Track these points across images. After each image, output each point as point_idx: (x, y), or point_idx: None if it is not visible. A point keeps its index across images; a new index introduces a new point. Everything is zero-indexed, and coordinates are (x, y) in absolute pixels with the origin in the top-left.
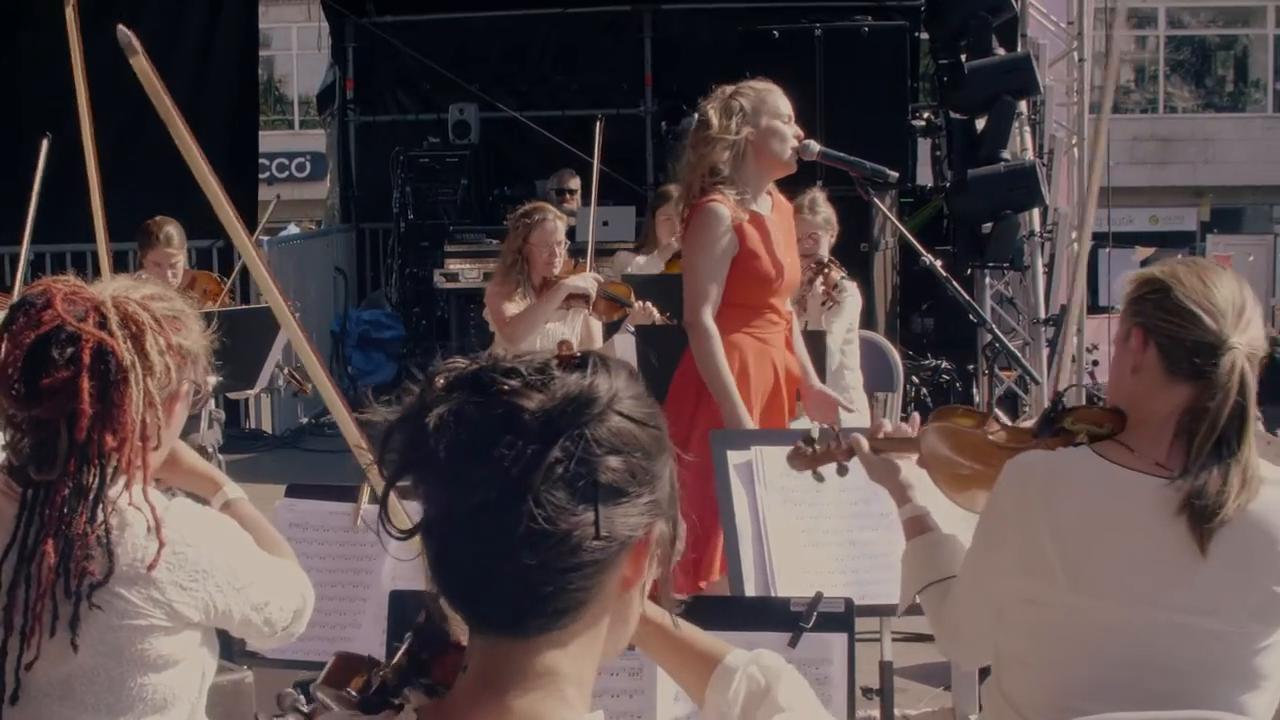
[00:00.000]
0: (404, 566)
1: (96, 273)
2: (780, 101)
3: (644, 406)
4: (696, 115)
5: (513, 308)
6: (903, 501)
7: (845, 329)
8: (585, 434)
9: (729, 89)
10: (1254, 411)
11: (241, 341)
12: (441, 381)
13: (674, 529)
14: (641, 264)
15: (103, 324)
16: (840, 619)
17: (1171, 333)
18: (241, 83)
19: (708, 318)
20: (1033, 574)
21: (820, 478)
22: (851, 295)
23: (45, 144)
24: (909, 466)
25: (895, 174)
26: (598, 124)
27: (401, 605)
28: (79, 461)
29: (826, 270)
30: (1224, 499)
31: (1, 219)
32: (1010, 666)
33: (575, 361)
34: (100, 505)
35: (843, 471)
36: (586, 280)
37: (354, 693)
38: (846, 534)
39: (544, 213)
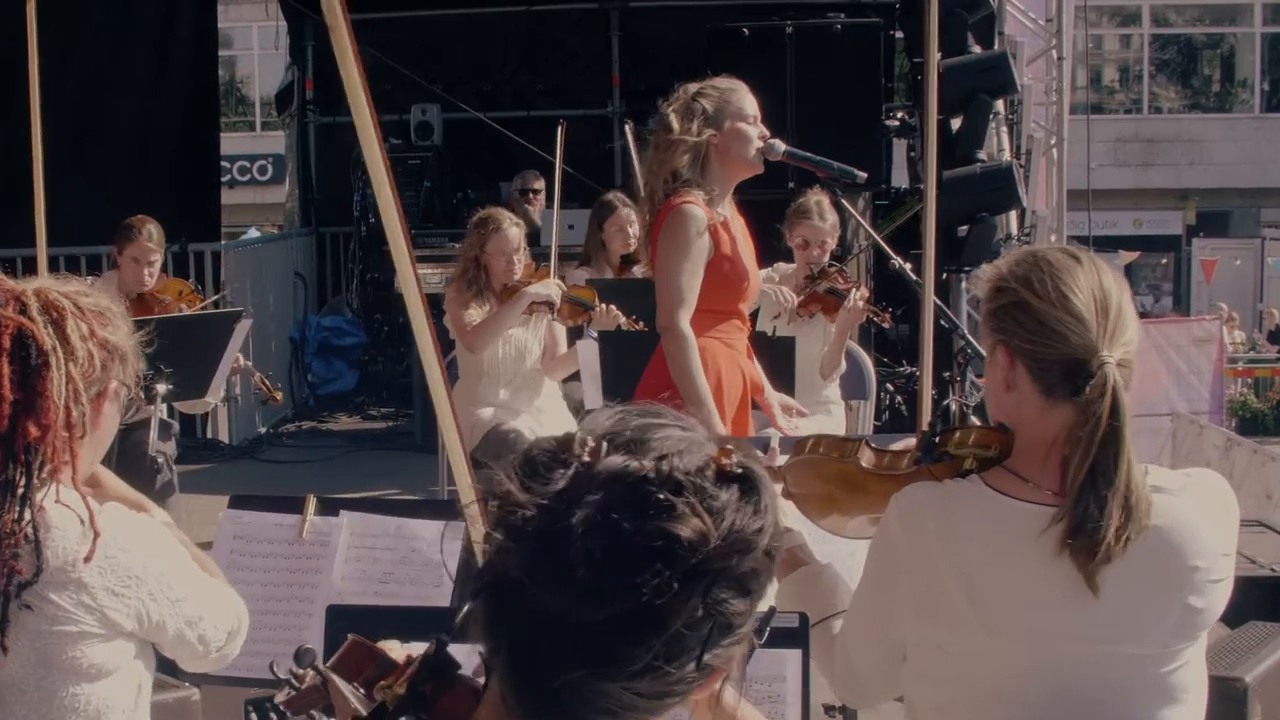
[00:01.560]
0: (350, 580)
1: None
2: (745, 100)
3: (780, 534)
4: (658, 117)
5: (474, 315)
6: None
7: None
8: (730, 575)
9: (692, 89)
10: (1129, 431)
11: (190, 348)
12: (598, 471)
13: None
14: (583, 277)
15: (23, 311)
16: (794, 634)
17: (1036, 354)
18: (200, 84)
19: (684, 322)
20: (938, 620)
21: None
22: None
23: None
24: None
25: (864, 174)
26: (560, 127)
27: (338, 619)
28: (4, 456)
29: (850, 281)
30: (1102, 535)
31: None
32: (925, 716)
33: (734, 476)
34: (28, 503)
35: None
36: (549, 287)
37: (359, 689)
38: (810, 545)
39: (498, 221)
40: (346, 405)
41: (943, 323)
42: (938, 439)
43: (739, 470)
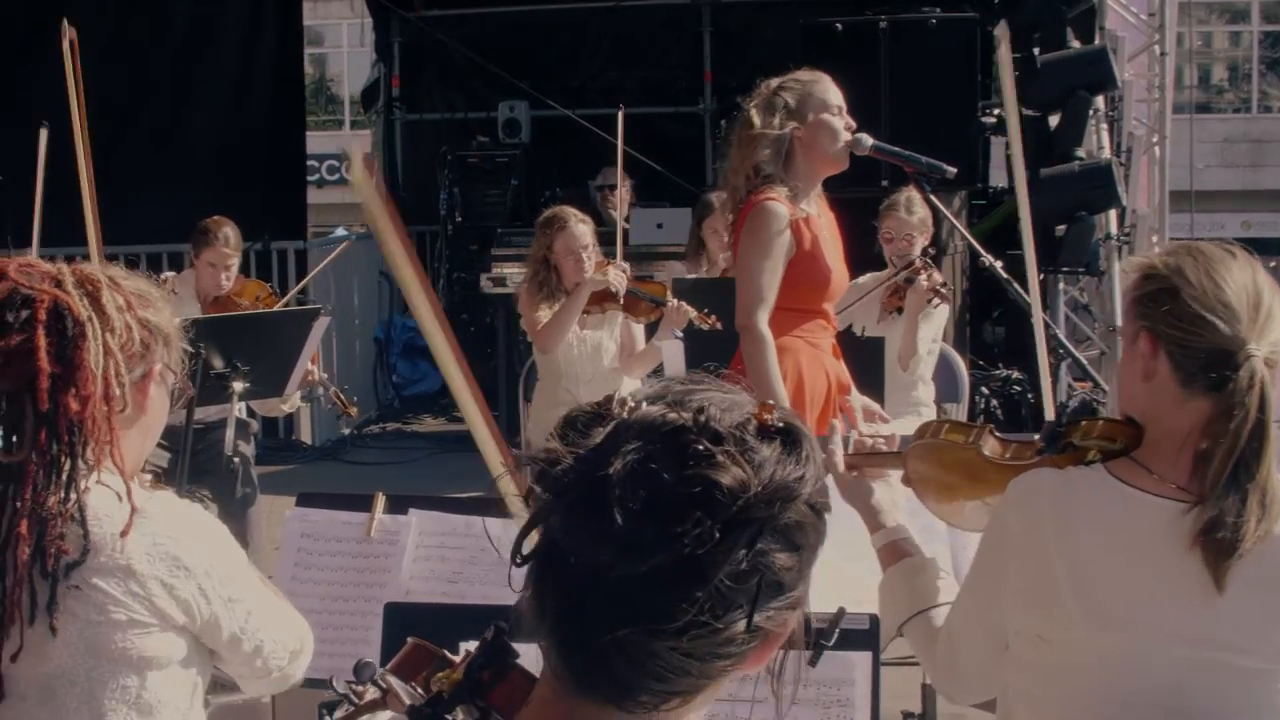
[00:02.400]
0: (419, 580)
1: None
2: (829, 92)
3: (826, 490)
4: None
5: (544, 316)
6: (874, 528)
7: (931, 338)
8: (774, 526)
9: (773, 83)
10: (1272, 428)
11: (268, 346)
12: (635, 421)
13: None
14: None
15: (59, 285)
16: (864, 637)
17: (1183, 341)
18: (286, 82)
19: (762, 322)
20: (1043, 607)
21: None
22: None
23: (44, 134)
24: (886, 486)
25: (953, 169)
26: (619, 113)
27: (397, 617)
28: (47, 435)
29: (930, 268)
30: (1242, 531)
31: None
32: (1018, 707)
33: (776, 430)
34: (73, 483)
35: None
36: (610, 275)
37: (418, 689)
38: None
39: (565, 218)
40: (431, 406)
41: (1034, 322)
42: (1062, 429)
43: (780, 424)
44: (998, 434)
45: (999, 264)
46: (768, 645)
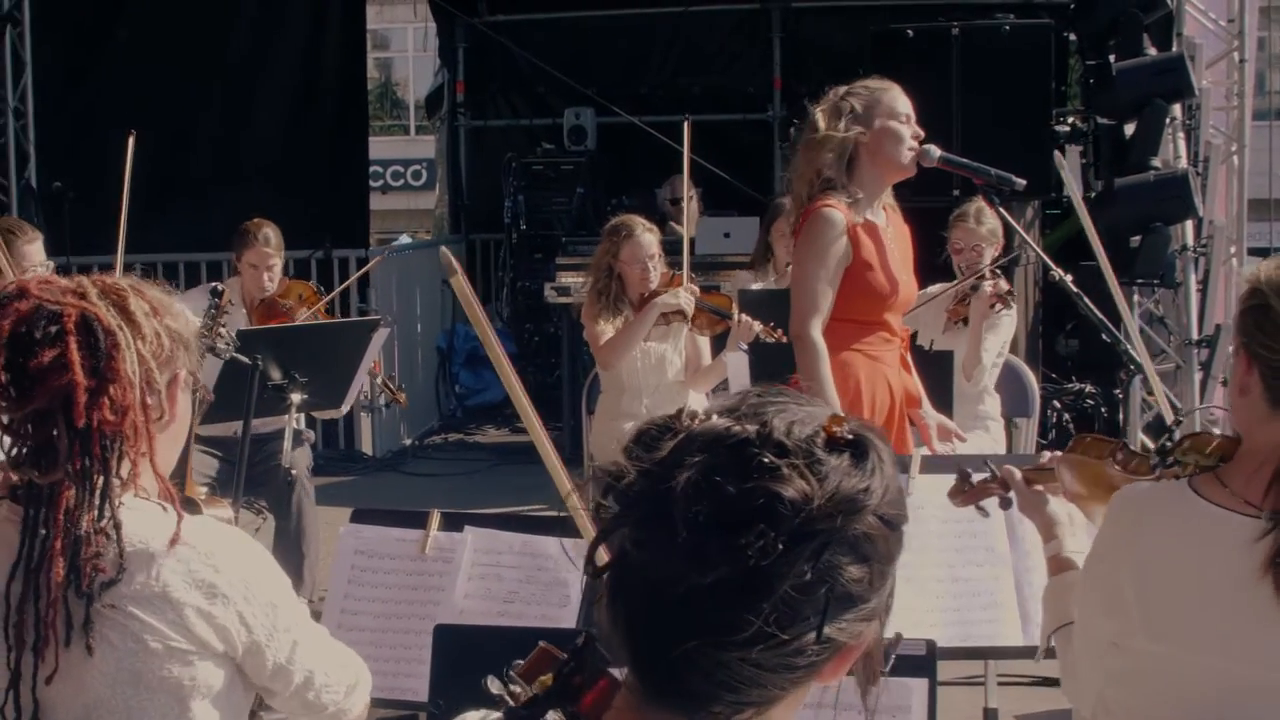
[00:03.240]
0: (473, 599)
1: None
2: (897, 99)
3: (900, 503)
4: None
5: (608, 329)
6: (1047, 538)
7: (998, 350)
8: (841, 538)
9: (841, 89)
10: None
11: (327, 357)
12: (700, 433)
13: (884, 628)
14: (755, 288)
15: (83, 297)
16: (921, 662)
17: (1272, 361)
18: (349, 86)
19: (816, 331)
20: (1113, 614)
21: (984, 512)
22: (1009, 315)
23: (131, 141)
24: (1059, 500)
25: (1022, 182)
26: (685, 123)
27: (448, 640)
28: (82, 452)
29: (997, 276)
30: None
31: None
32: (1100, 714)
33: (845, 442)
34: (107, 500)
35: (1005, 505)
36: (681, 296)
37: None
38: (949, 570)
39: (631, 227)
40: (495, 417)
41: (1104, 336)
42: (1171, 444)
43: (850, 436)
44: (1129, 447)
45: (1069, 278)
46: (843, 657)
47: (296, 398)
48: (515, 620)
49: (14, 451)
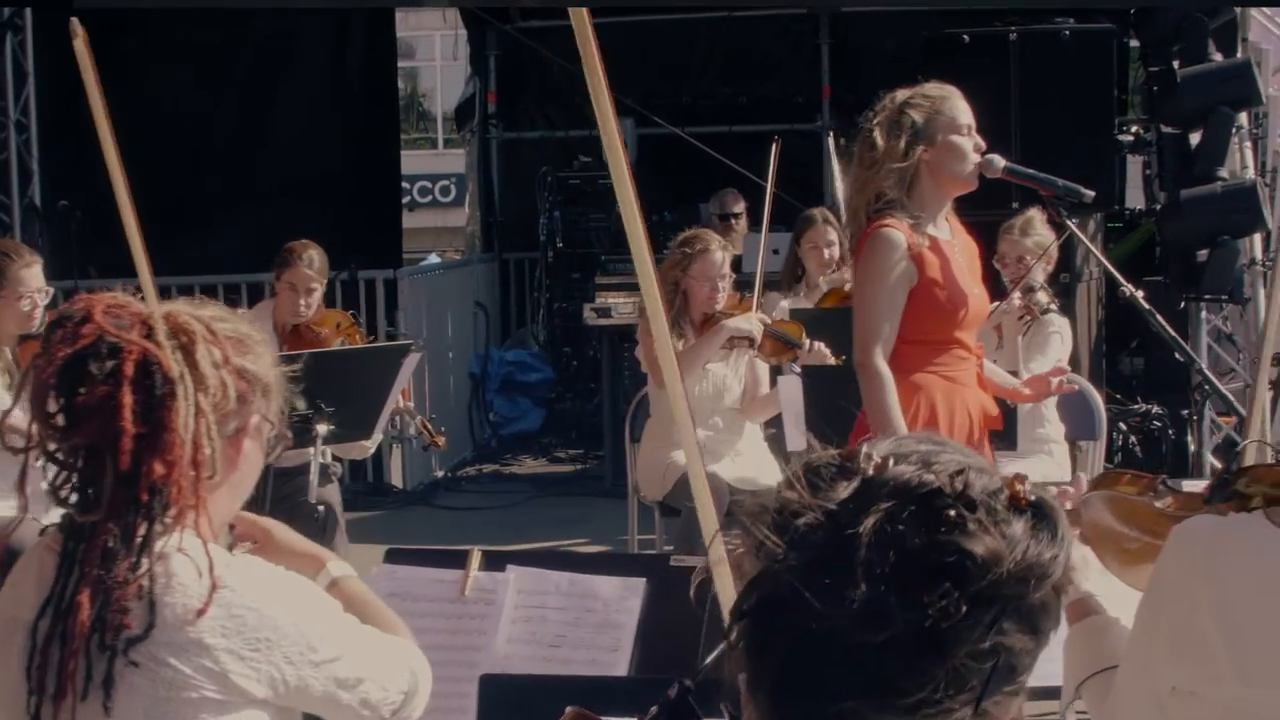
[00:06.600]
0: (516, 643)
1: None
2: (958, 109)
3: (1070, 570)
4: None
5: None
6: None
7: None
8: (1020, 605)
9: (899, 98)
10: None
11: (355, 385)
12: (887, 479)
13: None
14: (786, 308)
15: (149, 335)
16: None
17: None
18: (378, 98)
19: (879, 359)
20: (1191, 659)
21: None
22: (1060, 333)
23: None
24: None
25: (1091, 193)
26: (775, 144)
27: (494, 691)
28: (124, 497)
29: (1034, 290)
30: None
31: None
32: None
33: (1029, 503)
34: (146, 551)
35: None
36: (750, 321)
37: None
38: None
39: (706, 242)
40: (531, 447)
41: (1178, 356)
42: (1230, 476)
43: (1032, 499)
44: (1170, 484)
45: (1140, 294)
46: None
47: (323, 429)
48: (561, 666)
49: (59, 482)
